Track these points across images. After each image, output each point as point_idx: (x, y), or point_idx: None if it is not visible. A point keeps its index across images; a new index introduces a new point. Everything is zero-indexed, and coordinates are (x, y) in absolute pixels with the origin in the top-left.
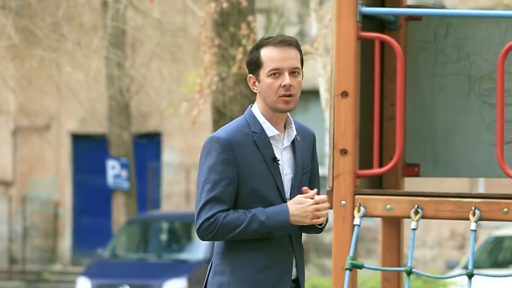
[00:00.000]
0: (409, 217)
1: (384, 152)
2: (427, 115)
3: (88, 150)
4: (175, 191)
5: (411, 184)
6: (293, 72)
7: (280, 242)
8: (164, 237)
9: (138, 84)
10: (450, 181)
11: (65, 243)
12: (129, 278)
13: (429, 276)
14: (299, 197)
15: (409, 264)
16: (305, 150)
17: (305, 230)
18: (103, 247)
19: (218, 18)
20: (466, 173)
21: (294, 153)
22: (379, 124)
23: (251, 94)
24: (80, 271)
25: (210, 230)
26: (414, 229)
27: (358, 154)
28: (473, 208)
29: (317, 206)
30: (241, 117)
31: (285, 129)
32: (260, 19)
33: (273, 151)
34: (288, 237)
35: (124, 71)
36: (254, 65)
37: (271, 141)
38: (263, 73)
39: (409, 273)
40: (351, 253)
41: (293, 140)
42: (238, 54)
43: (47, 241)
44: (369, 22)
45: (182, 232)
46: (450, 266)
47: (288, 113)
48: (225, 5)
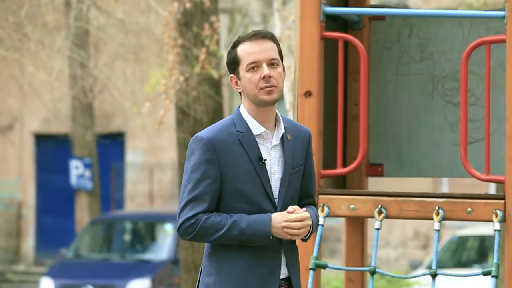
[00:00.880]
0: (372, 217)
1: (347, 152)
2: (390, 115)
3: (51, 150)
4: (139, 191)
5: (374, 184)
6: (272, 64)
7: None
8: (127, 237)
9: (102, 84)
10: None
11: (28, 243)
12: (92, 278)
13: (392, 276)
14: (284, 212)
15: (372, 264)
16: (298, 149)
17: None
18: (66, 247)
19: (181, 18)
20: (430, 173)
21: (284, 151)
22: (342, 124)
23: (215, 94)
24: (43, 271)
25: (190, 231)
26: (377, 229)
27: (322, 154)
28: (436, 207)
29: (287, 224)
30: (228, 117)
31: (275, 127)
32: (224, 19)
33: (259, 151)
34: (276, 237)
35: (87, 71)
36: (232, 64)
37: (258, 140)
38: (242, 69)
39: (372, 273)
40: (314, 253)
41: (283, 138)
42: (201, 54)
43: (10, 241)
44: (332, 22)
45: (146, 232)
46: (414, 266)
47: (277, 111)
48: (188, 5)
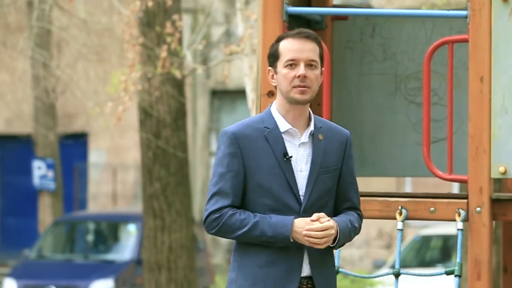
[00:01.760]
0: None
1: None
2: (353, 114)
3: (14, 150)
4: (102, 192)
5: None
6: (310, 65)
7: None
8: (90, 237)
9: (64, 84)
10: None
11: None
12: (55, 278)
13: (356, 276)
14: (308, 219)
15: (336, 264)
16: (332, 149)
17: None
18: (29, 248)
19: (144, 18)
20: (393, 172)
21: (313, 149)
22: None
23: (178, 94)
24: (6, 272)
25: (214, 225)
26: None
27: None
28: (400, 207)
29: (308, 233)
30: (258, 114)
31: (306, 126)
32: (187, 19)
33: (285, 147)
34: None
35: (49, 72)
36: (272, 57)
37: (285, 137)
38: (280, 64)
39: (336, 272)
40: None
41: (313, 137)
42: (163, 51)
43: None
44: (295, 21)
45: (109, 232)
46: (378, 265)
47: (310, 110)
48: (150, 4)
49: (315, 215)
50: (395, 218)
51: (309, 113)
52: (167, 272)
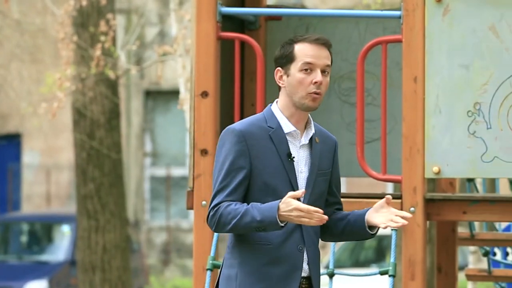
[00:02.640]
0: None
1: None
2: None
3: None
4: (36, 193)
5: None
6: (324, 71)
7: (290, 238)
8: (24, 238)
9: None
10: None
11: None
12: None
13: None
14: (286, 197)
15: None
16: (325, 153)
17: (351, 237)
18: None
19: (78, 18)
20: None
21: (311, 152)
22: None
23: (112, 94)
24: None
25: (213, 220)
26: None
27: None
28: None
29: (299, 213)
30: (259, 113)
31: (305, 128)
32: (120, 20)
33: (288, 147)
34: (300, 234)
35: None
36: (285, 59)
37: (288, 138)
38: (294, 67)
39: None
40: (212, 253)
41: (311, 140)
42: (96, 50)
43: None
44: (229, 22)
45: (43, 233)
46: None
47: (309, 114)
48: (84, 3)
49: (294, 193)
50: None
51: (308, 116)
52: (101, 273)
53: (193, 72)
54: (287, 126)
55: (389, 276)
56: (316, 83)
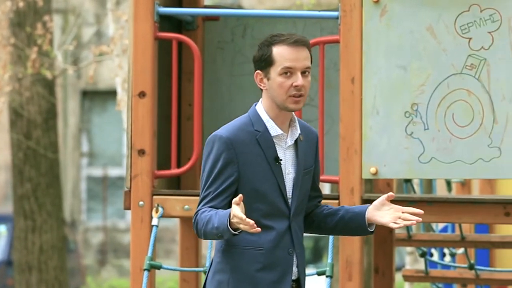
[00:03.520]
0: None
1: (182, 152)
2: (225, 115)
3: None
4: None
5: None
6: (304, 72)
7: (281, 242)
8: None
9: None
10: None
11: None
12: None
13: None
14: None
15: (207, 265)
16: (308, 150)
17: (344, 233)
18: None
19: (14, 18)
20: None
21: (297, 152)
22: (177, 125)
23: (48, 94)
24: None
25: (194, 226)
26: None
27: (156, 155)
28: None
29: (237, 220)
30: (244, 115)
31: (289, 127)
32: (57, 20)
33: (276, 151)
34: (289, 237)
35: None
36: (264, 62)
37: (275, 140)
38: (274, 71)
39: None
40: (149, 254)
41: (296, 139)
42: (33, 53)
43: None
44: (166, 22)
45: None
46: None
47: (293, 112)
48: (21, 4)
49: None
50: None
51: (292, 114)
52: (38, 273)
53: (130, 72)
54: (274, 129)
55: (327, 276)
56: (296, 86)
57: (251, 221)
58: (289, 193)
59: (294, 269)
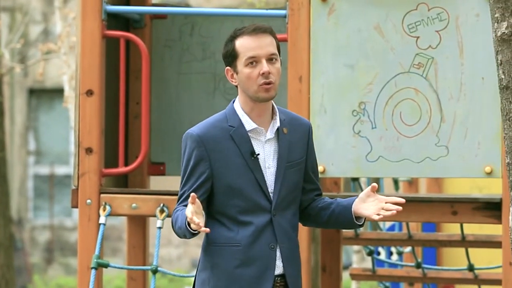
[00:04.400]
0: (154, 216)
1: (129, 150)
2: (172, 113)
3: None
4: None
5: (157, 182)
6: (271, 59)
7: (260, 237)
8: None
9: None
10: None
11: None
12: None
13: (174, 275)
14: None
15: (154, 263)
16: (296, 142)
17: (337, 227)
18: None
19: None
20: None
21: (279, 145)
22: (124, 123)
23: None
24: None
25: (172, 225)
26: (159, 228)
27: (104, 153)
28: None
29: (189, 220)
30: (222, 111)
31: (271, 120)
32: (4, 18)
33: (251, 145)
34: (271, 231)
35: None
36: (230, 57)
37: (251, 135)
38: (240, 64)
39: (154, 271)
40: (96, 252)
41: (279, 131)
42: None
43: None
44: (114, 20)
45: None
46: (196, 264)
47: (274, 104)
48: None
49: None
50: None
51: (273, 106)
52: None
53: (78, 70)
54: (249, 124)
55: None
56: (263, 74)
57: (196, 220)
58: (271, 187)
59: (278, 263)
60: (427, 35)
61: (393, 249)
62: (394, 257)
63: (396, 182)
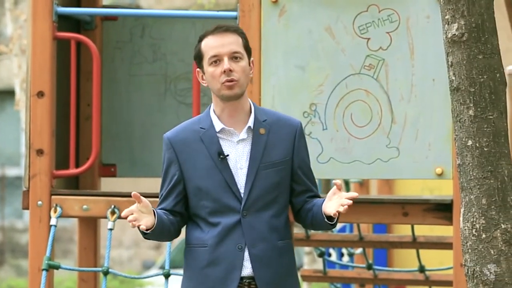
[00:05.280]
0: (105, 217)
1: (80, 152)
2: (123, 115)
3: None
4: None
5: (108, 184)
6: (234, 58)
7: (227, 238)
8: None
9: None
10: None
11: None
12: None
13: (125, 276)
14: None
15: (105, 264)
16: (277, 142)
17: (319, 229)
18: None
19: None
20: None
21: (252, 145)
22: (75, 125)
23: None
24: None
25: None
26: (111, 229)
27: (55, 155)
28: None
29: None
30: (201, 114)
31: (248, 120)
32: None
33: (220, 146)
34: (239, 232)
35: None
36: (197, 58)
37: (221, 135)
38: (205, 63)
39: (105, 273)
40: (47, 254)
41: (254, 132)
42: None
43: None
44: (65, 22)
45: None
46: (147, 266)
47: (252, 104)
48: None
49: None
50: None
51: (250, 106)
52: None
53: (29, 72)
54: (218, 124)
55: None
56: (225, 71)
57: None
58: (242, 188)
59: (247, 264)
60: (378, 37)
61: (344, 251)
62: (345, 258)
63: (347, 183)
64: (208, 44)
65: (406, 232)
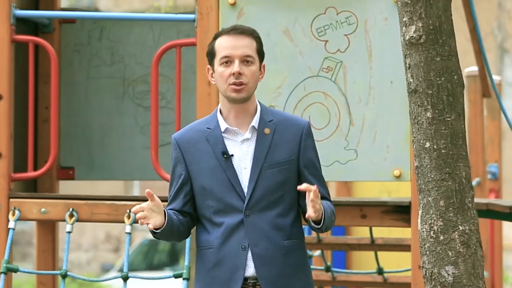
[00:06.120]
0: (64, 220)
1: (39, 155)
2: (82, 118)
3: None
4: None
5: (66, 187)
6: (246, 61)
7: (230, 238)
8: None
9: None
10: (105, 184)
11: None
12: None
13: (84, 279)
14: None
15: (64, 267)
16: (283, 142)
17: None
18: None
19: None
20: (121, 175)
21: (256, 145)
22: (33, 127)
23: None
24: None
25: None
26: (69, 232)
27: (13, 157)
28: (128, 211)
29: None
30: (209, 115)
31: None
32: None
33: (224, 146)
34: (243, 232)
35: None
36: (209, 56)
37: (226, 135)
38: (216, 62)
39: (64, 276)
40: (6, 257)
41: (258, 132)
42: None
43: None
44: (23, 25)
45: None
46: (106, 268)
47: (259, 104)
48: None
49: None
50: (123, 222)
51: (256, 107)
52: None
53: None
54: (223, 124)
55: (183, 279)
56: (234, 74)
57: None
58: (245, 188)
59: (250, 264)
60: (336, 39)
61: None
62: None
63: None
64: (222, 44)
65: (364, 234)
